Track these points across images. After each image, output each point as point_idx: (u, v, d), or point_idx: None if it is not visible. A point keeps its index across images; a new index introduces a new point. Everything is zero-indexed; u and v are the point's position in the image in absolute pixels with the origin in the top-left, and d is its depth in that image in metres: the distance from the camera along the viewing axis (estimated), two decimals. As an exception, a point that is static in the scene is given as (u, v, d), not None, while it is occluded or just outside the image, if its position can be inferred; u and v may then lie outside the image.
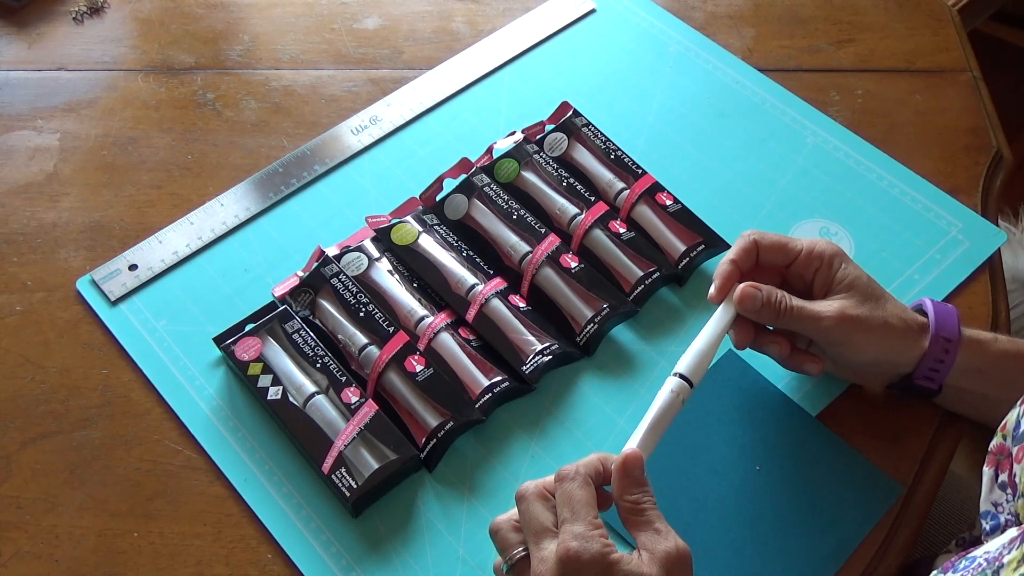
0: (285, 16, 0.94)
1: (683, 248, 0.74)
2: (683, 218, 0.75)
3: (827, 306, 0.61)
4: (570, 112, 0.81)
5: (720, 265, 0.63)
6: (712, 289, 0.63)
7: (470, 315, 0.70)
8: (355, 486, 0.63)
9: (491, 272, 0.73)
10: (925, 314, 0.63)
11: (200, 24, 0.93)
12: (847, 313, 0.60)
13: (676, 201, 0.76)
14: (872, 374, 0.65)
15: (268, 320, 0.70)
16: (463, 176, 0.78)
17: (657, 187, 0.77)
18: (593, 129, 0.80)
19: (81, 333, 0.72)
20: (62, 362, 0.71)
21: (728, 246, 0.74)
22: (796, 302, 0.61)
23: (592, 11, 0.93)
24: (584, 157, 0.79)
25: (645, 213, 0.75)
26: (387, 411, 0.66)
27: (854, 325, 0.60)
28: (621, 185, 0.77)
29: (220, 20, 0.94)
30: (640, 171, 0.77)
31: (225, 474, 0.66)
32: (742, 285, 0.61)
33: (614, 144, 0.79)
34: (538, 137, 0.80)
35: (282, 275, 0.74)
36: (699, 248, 0.74)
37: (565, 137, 0.79)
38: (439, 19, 0.94)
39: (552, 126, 0.80)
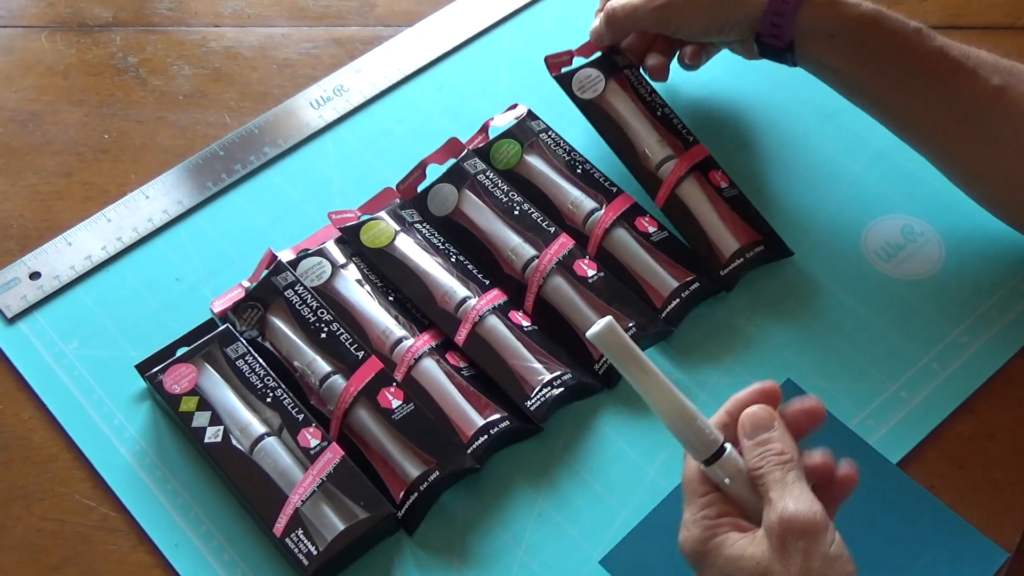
0: (227, -41, 0.95)
1: (736, 247, 0.74)
2: (740, 206, 0.75)
3: None
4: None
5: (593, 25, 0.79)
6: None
7: (460, 336, 0.71)
8: (315, 553, 0.63)
9: (487, 282, 0.73)
10: None
11: (120, -31, 0.94)
12: None
13: (732, 185, 0.76)
14: (740, 45, 0.76)
15: (206, 343, 0.70)
16: (451, 161, 0.78)
17: (711, 163, 0.77)
18: (635, 74, 0.79)
19: (-31, 359, 0.73)
20: (-55, 396, 0.71)
21: (789, 252, 0.74)
22: (617, 3, 0.76)
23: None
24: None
25: (692, 194, 0.75)
26: (355, 458, 0.66)
27: (665, 2, 0.73)
28: (664, 154, 0.76)
29: (145, -36, 0.94)
30: (692, 139, 0.77)
31: (151, 537, 0.66)
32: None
33: (659, 97, 0.79)
34: (565, 70, 0.80)
35: (223, 286, 0.74)
36: (756, 249, 0.74)
37: (602, 76, 0.79)
38: (421, -37, 0.94)
39: (582, 59, 0.80)
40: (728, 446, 0.55)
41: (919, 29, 0.69)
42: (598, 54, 0.80)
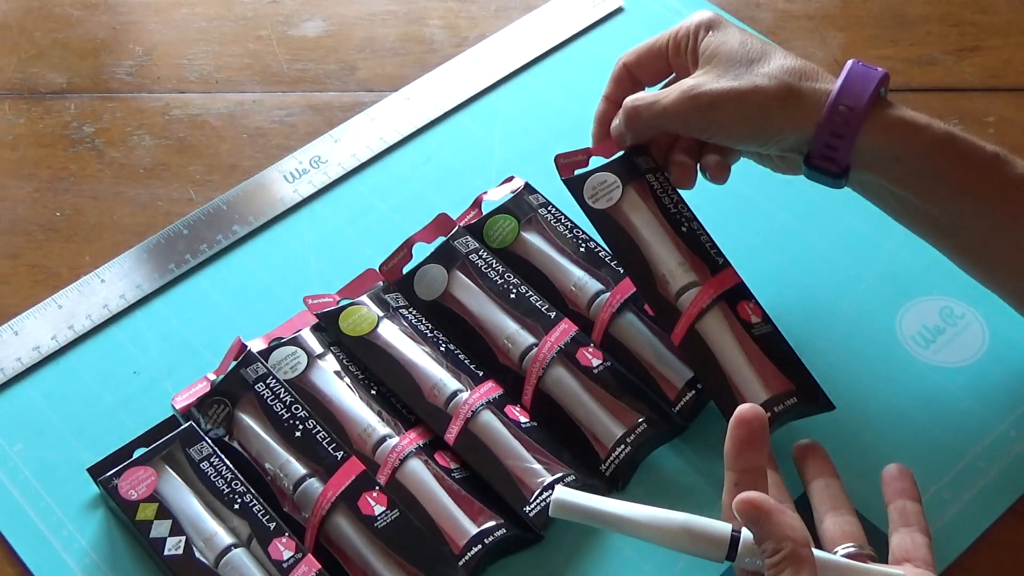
0: (193, 19, 0.97)
1: (764, 396, 0.70)
2: (772, 346, 0.72)
3: (671, 89, 0.70)
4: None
5: (597, 108, 0.76)
6: (592, 133, 0.76)
7: (451, 434, 0.71)
8: None
9: (480, 373, 0.74)
10: None
11: (75, 31, 0.96)
12: (692, 92, 0.69)
13: (766, 319, 0.72)
14: (780, 160, 0.73)
15: (166, 443, 0.71)
16: (440, 239, 0.79)
17: (742, 291, 0.73)
18: (660, 179, 0.75)
19: (-98, 463, 0.73)
20: None
21: (830, 405, 0.72)
22: (640, 98, 0.72)
23: (619, 10, 0.96)
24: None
25: (716, 330, 0.72)
26: (333, 571, 0.66)
27: (705, 103, 0.69)
28: (687, 280, 0.72)
29: (103, 25, 0.96)
30: (721, 261, 0.73)
31: (103, 664, 0.66)
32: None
33: (686, 208, 0.75)
34: (580, 172, 0.76)
35: (186, 380, 0.75)
36: (788, 401, 0.70)
37: (619, 182, 0.75)
38: (407, 23, 0.96)
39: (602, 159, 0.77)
40: (742, 531, 0.58)
41: (997, 155, 0.67)
42: (620, 153, 0.76)
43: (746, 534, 0.58)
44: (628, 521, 0.60)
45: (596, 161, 0.77)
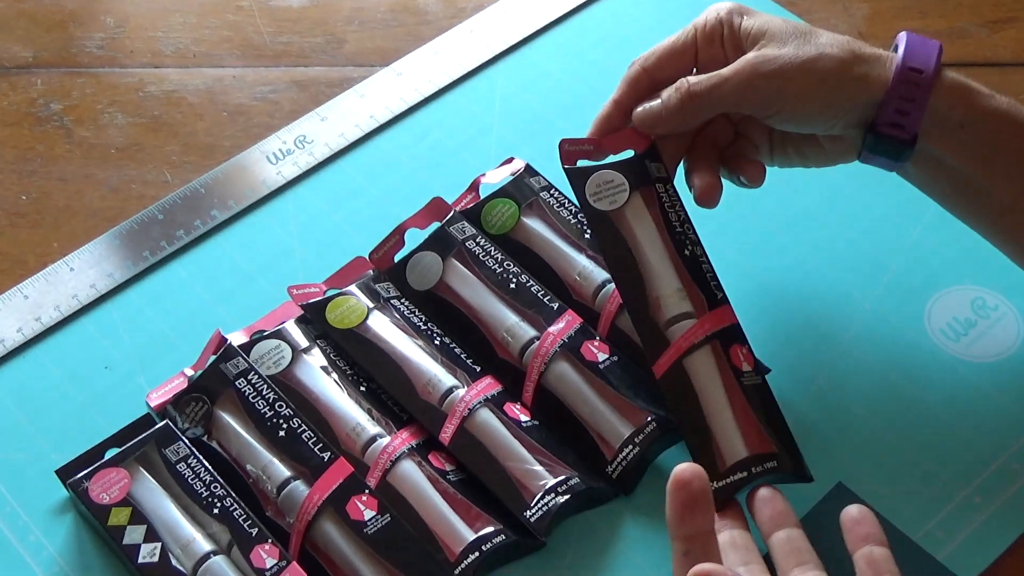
0: (169, -11, 0.97)
1: (743, 455, 0.68)
2: (759, 400, 0.70)
3: (728, 68, 0.71)
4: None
5: (602, 111, 0.75)
6: (590, 135, 0.75)
7: (446, 434, 0.71)
8: None
9: (477, 369, 0.74)
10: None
11: (42, 1, 0.96)
12: (756, 61, 0.70)
13: (757, 370, 0.71)
14: (836, 142, 0.73)
15: (140, 443, 0.71)
16: (435, 225, 0.79)
17: (736, 333, 0.71)
18: (670, 192, 0.75)
19: None
20: None
21: (808, 478, 0.70)
22: (696, 78, 0.72)
23: (627, -21, 0.96)
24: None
25: (702, 371, 0.70)
26: (320, 580, 0.67)
27: (774, 72, 0.69)
28: (681, 310, 0.71)
29: (72, -5, 0.96)
30: (720, 295, 0.72)
31: None
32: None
33: (692, 230, 0.74)
34: (583, 163, 0.75)
35: (162, 375, 0.75)
36: (766, 464, 0.68)
37: (626, 184, 0.74)
38: (398, -8, 0.97)
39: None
40: None
41: None
42: (629, 153, 0.75)
43: None
44: None
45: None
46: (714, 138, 0.75)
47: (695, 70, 0.74)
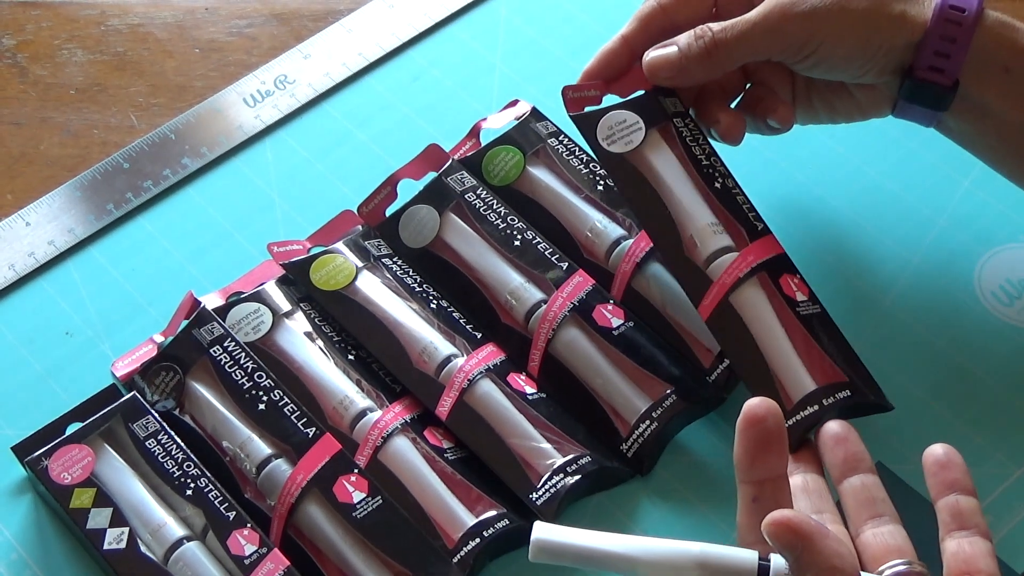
0: (135, -89, 0.96)
1: (811, 387, 0.69)
2: (821, 330, 0.71)
3: (754, 11, 0.71)
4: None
5: (606, 45, 0.75)
6: (588, 69, 0.75)
7: (444, 407, 0.71)
8: None
9: (478, 335, 0.74)
10: None
11: (-6, -75, 0.95)
12: (786, 2, 0.70)
13: (813, 298, 0.72)
14: (868, 92, 0.73)
15: (105, 417, 0.70)
16: (431, 175, 0.79)
17: (785, 263, 0.72)
18: (690, 125, 0.76)
19: None
20: None
21: (887, 405, 0.71)
22: (719, 25, 0.71)
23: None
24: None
25: (754, 305, 0.71)
26: (303, 568, 0.67)
27: (806, 12, 0.69)
28: (720, 244, 0.72)
29: (27, -82, 0.96)
30: (760, 226, 0.73)
31: (31, 678, 0.66)
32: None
33: (720, 163, 0.75)
34: (590, 109, 0.76)
35: (129, 342, 0.75)
36: (839, 394, 0.69)
37: (641, 123, 0.74)
38: (390, -85, 0.95)
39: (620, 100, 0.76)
40: (771, 559, 0.56)
41: None
42: (639, 92, 0.76)
43: (777, 562, 0.56)
44: (629, 559, 0.57)
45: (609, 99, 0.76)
46: (723, 87, 0.75)
47: (714, 10, 0.74)
